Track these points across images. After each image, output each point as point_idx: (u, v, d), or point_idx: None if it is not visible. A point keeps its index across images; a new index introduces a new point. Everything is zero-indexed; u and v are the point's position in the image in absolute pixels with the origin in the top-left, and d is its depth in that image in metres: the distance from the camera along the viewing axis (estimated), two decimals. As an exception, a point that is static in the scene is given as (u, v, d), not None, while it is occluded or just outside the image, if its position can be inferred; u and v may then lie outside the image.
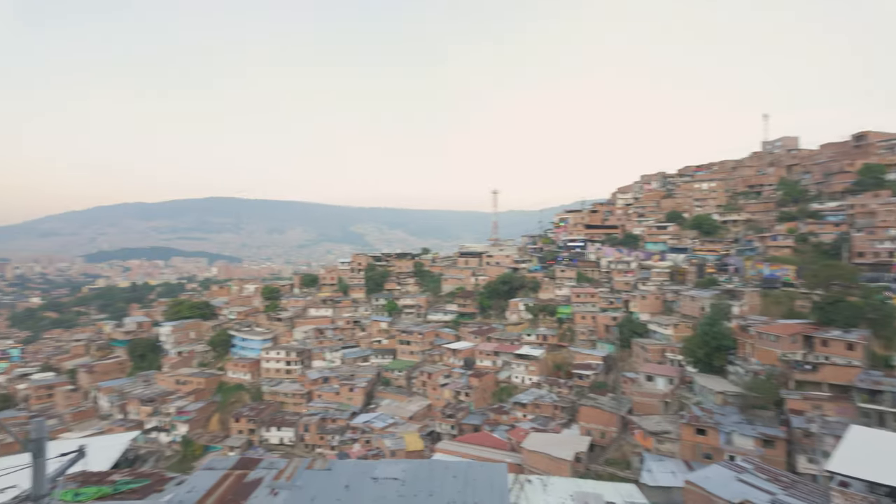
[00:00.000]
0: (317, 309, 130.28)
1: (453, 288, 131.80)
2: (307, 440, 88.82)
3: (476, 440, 71.63)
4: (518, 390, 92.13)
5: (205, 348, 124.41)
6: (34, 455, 9.34)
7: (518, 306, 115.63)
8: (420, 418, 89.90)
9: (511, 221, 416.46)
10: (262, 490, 20.45)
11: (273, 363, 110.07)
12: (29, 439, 9.39)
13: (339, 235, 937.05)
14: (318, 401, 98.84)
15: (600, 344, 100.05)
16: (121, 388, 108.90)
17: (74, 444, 47.09)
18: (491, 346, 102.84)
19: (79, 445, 11.37)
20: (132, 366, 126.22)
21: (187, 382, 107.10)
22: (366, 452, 75.33)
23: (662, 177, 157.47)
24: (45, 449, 9.50)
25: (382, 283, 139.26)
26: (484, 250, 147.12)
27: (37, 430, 9.51)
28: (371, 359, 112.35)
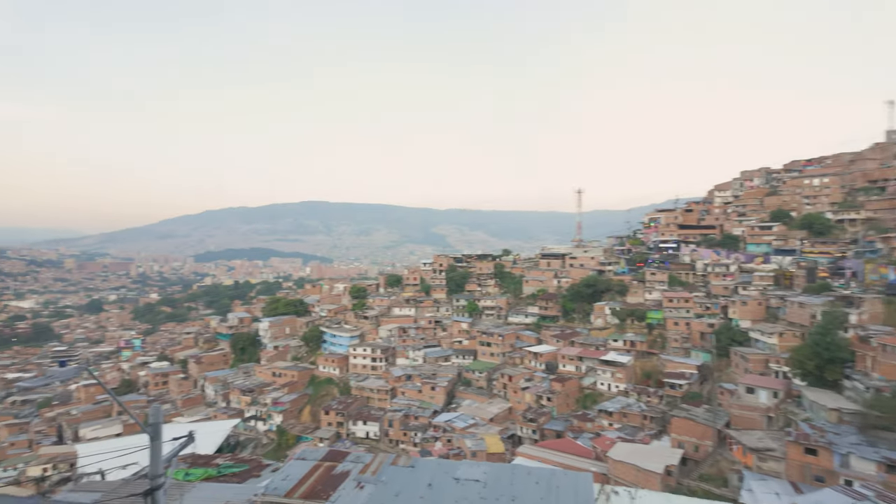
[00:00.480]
0: (400, 308, 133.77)
1: (535, 290, 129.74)
2: (391, 435, 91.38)
3: (559, 446, 69.94)
4: (603, 398, 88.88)
5: (298, 343, 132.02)
6: (151, 438, 10.30)
7: (604, 310, 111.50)
8: (500, 421, 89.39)
9: (596, 222, 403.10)
10: (349, 483, 21.26)
11: (360, 359, 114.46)
12: (147, 423, 10.37)
13: (422, 237, 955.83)
14: (402, 398, 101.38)
15: (694, 352, 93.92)
16: (224, 379, 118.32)
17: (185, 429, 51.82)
18: (575, 350, 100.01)
19: (189, 431, 12.40)
20: (234, 358, 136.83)
21: (282, 375, 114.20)
22: (447, 451, 76.11)
23: (766, 172, 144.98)
24: (161, 433, 10.44)
25: (463, 284, 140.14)
26: (567, 252, 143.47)
27: (154, 415, 10.49)
28: (452, 359, 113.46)
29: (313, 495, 20.37)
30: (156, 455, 10.45)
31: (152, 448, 10.43)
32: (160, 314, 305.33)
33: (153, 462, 10.40)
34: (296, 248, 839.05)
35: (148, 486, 10.28)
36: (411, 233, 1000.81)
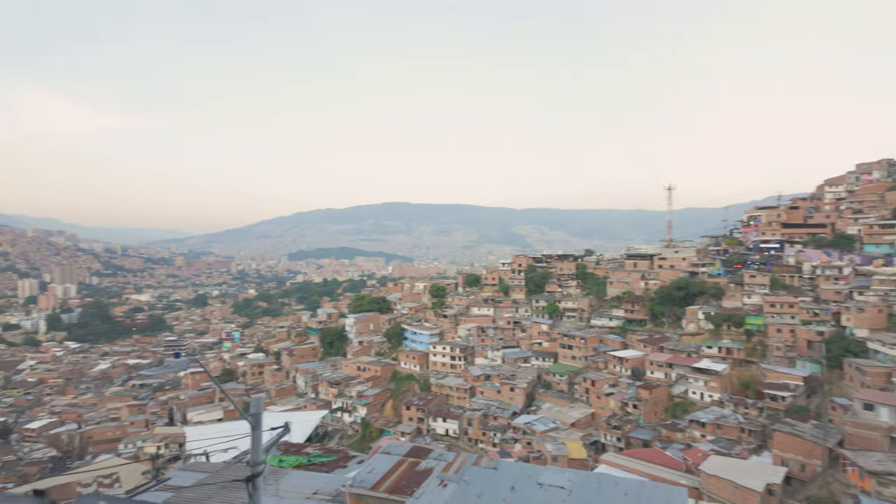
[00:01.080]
0: (479, 308, 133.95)
1: (620, 292, 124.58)
2: (470, 434, 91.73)
3: (646, 456, 66.65)
4: (695, 407, 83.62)
5: (381, 339, 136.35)
6: (252, 427, 10.95)
7: (697, 315, 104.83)
8: (583, 426, 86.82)
9: (688, 220, 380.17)
10: (432, 480, 21.48)
11: (439, 357, 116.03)
12: (249, 413, 11.04)
13: (500, 237, 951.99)
14: (481, 397, 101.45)
15: (801, 362, 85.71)
16: (314, 371, 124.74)
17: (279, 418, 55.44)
18: (664, 356, 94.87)
19: (285, 422, 13.05)
20: (323, 351, 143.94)
21: (367, 369, 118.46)
22: (527, 454, 75.07)
23: (888, 164, 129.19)
24: (262, 422, 11.07)
25: (543, 285, 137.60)
26: (656, 252, 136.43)
27: (255, 405, 11.16)
28: (531, 360, 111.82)
29: (398, 490, 20.81)
30: (257, 443, 11.10)
31: (253, 437, 11.09)
32: (257, 309, 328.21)
33: (254, 450, 11.06)
34: (379, 247, 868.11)
35: (249, 473, 10.95)
36: (490, 233, 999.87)
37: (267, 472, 12.43)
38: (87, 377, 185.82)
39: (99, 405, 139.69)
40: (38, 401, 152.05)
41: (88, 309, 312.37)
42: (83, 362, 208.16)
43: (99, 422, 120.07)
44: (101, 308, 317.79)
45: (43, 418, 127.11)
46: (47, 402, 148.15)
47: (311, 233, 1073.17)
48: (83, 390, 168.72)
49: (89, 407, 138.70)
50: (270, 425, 13.91)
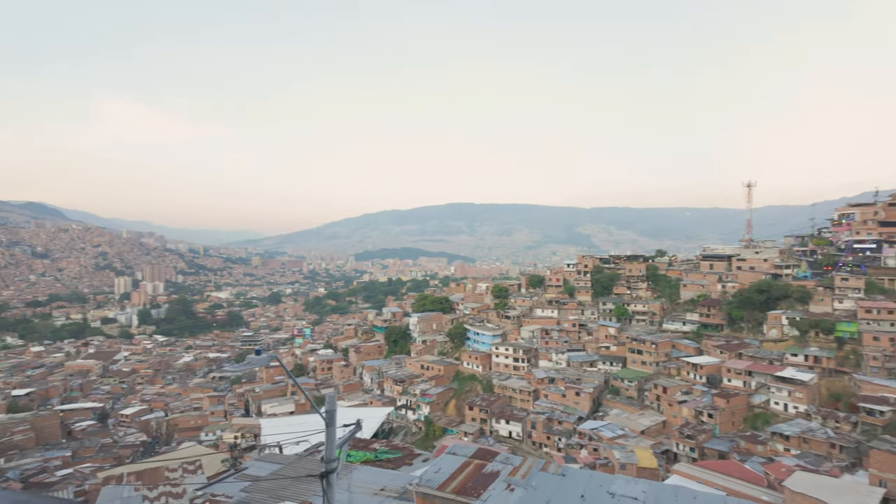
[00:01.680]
0: (542, 309, 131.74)
1: (694, 295, 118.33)
2: (534, 438, 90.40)
3: (722, 468, 62.85)
4: (778, 419, 78.04)
5: (444, 339, 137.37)
6: (327, 424, 11.27)
7: (780, 320, 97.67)
8: (653, 434, 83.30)
9: (770, 219, 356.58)
10: (498, 483, 21.30)
11: (502, 358, 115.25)
12: (324, 409, 11.37)
13: (564, 237, 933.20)
14: (545, 400, 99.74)
15: (904, 374, 77.73)
16: (379, 368, 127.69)
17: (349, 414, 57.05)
18: (743, 363, 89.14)
19: (357, 419, 13.36)
20: (388, 349, 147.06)
21: (430, 368, 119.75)
22: (593, 460, 72.99)
23: None
24: (336, 419, 11.38)
25: (610, 287, 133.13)
26: (734, 253, 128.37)
27: (329, 402, 11.49)
28: (598, 364, 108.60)
29: (464, 492, 20.80)
30: (331, 440, 11.43)
31: (328, 433, 11.43)
32: (326, 306, 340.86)
33: (328, 447, 11.40)
34: (441, 247, 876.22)
35: (323, 469, 11.28)
36: (554, 232, 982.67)
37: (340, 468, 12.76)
38: (173, 369, 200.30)
39: (183, 395, 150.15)
40: (130, 389, 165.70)
41: (174, 305, 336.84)
42: (169, 355, 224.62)
43: (183, 410, 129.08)
44: (186, 304, 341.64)
45: (135, 405, 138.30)
46: (139, 391, 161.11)
47: (377, 233, 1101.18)
48: (169, 381, 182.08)
49: (175, 396, 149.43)
50: (341, 422, 14.34)
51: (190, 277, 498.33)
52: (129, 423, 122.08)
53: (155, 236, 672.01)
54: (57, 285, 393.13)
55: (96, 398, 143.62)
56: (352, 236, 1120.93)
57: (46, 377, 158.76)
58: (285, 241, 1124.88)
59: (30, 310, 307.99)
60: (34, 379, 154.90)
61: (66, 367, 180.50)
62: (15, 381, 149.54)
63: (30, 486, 63.00)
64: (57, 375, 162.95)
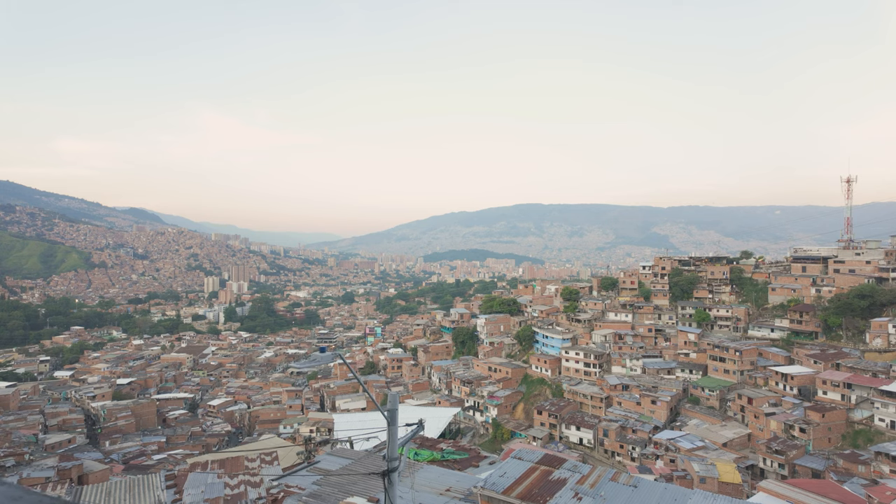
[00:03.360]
0: (615, 313, 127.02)
1: (784, 300, 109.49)
2: (606, 446, 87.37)
3: (816, 488, 57.48)
4: (884, 438, 70.57)
5: (511, 341, 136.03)
6: (389, 423, 11.37)
7: (885, 328, 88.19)
8: (736, 447, 77.90)
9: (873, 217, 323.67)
10: (566, 491, 20.69)
11: (572, 363, 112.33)
12: (386, 409, 11.47)
13: (639, 237, 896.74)
14: (618, 408, 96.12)
15: None
16: (447, 368, 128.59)
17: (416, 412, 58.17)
18: (841, 375, 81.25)
19: (419, 419, 13.40)
20: (455, 350, 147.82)
21: (497, 370, 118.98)
22: (670, 472, 69.28)
23: None
24: (397, 418, 11.45)
25: (690, 290, 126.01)
26: (830, 254, 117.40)
27: (392, 401, 11.58)
28: (676, 372, 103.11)
29: (530, 497, 20.36)
30: (393, 439, 11.52)
31: (389, 432, 11.53)
32: (396, 306, 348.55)
33: (390, 445, 11.50)
34: (509, 249, 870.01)
35: (385, 468, 11.40)
36: (627, 233, 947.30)
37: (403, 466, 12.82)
38: (255, 363, 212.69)
39: (264, 389, 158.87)
40: (217, 382, 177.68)
41: (257, 303, 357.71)
42: (252, 350, 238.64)
43: (264, 403, 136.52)
44: (267, 303, 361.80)
45: (221, 397, 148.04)
46: (224, 384, 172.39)
47: (445, 235, 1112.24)
48: (252, 375, 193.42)
49: (256, 390, 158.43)
50: (406, 420, 14.46)
51: (271, 277, 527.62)
52: (215, 414, 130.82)
53: (240, 239, 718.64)
54: (155, 284, 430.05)
55: (187, 389, 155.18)
56: (420, 238, 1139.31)
57: (145, 368, 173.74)
58: (358, 242, 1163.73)
59: (132, 306, 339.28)
60: (135, 370, 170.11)
61: (161, 359, 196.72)
62: (119, 371, 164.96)
63: (130, 468, 69.03)
64: (154, 367, 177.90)
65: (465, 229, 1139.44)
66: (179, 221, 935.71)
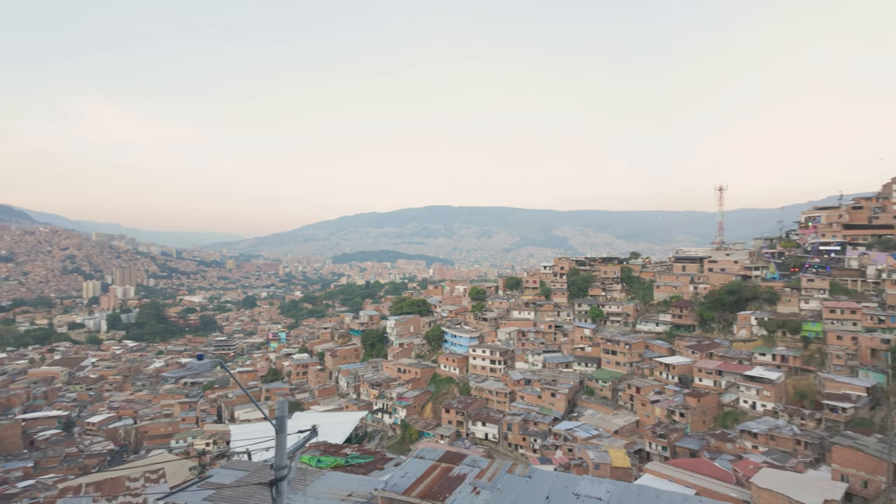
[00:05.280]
0: (519, 311, 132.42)
1: (667, 296, 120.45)
2: (510, 439, 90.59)
3: (693, 466, 63.93)
4: (747, 417, 79.75)
5: (421, 342, 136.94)
6: (277, 431, 10.95)
7: (749, 320, 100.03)
8: (626, 434, 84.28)
9: (741, 221, 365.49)
10: (465, 486, 21.17)
11: (479, 360, 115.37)
12: (274, 416, 11.04)
13: (542, 239, 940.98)
14: (521, 402, 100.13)
15: (864, 372, 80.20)
16: (355, 372, 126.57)
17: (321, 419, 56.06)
18: (713, 363, 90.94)
19: (312, 424, 13.03)
20: (364, 353, 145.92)
21: (407, 371, 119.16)
22: (568, 461, 73.51)
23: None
24: (286, 426, 11.06)
25: (586, 289, 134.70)
26: (706, 255, 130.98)
27: (279, 408, 11.16)
28: (573, 365, 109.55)
29: (430, 495, 20.60)
30: (281, 447, 11.10)
31: (277, 441, 11.09)
32: (302, 310, 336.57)
33: (278, 454, 11.06)
34: (420, 250, 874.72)
35: (273, 477, 10.96)
36: (532, 235, 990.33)
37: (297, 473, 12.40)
38: (143, 375, 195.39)
39: (153, 402, 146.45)
40: (98, 396, 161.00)
41: (145, 309, 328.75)
42: (140, 360, 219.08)
43: (153, 418, 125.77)
44: (157, 308, 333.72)
45: (102, 413, 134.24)
46: (107, 398, 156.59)
47: (355, 236, 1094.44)
48: (139, 387, 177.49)
49: (144, 403, 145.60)
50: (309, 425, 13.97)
51: (162, 281, 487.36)
52: (95, 432, 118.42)
53: (126, 239, 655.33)
54: (21, 289, 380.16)
55: (61, 406, 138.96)
56: (329, 239, 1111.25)
57: (8, 385, 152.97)
58: (261, 243, 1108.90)
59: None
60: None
61: (29, 374, 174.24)
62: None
63: (-13, 498, 60.55)
64: (20, 383, 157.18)
65: (376, 230, 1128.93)
66: (54, 220, 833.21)
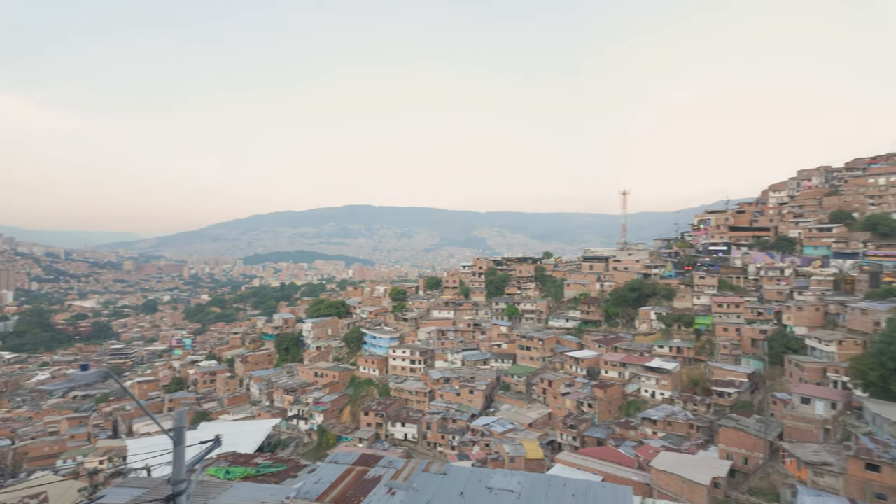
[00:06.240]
0: (439, 311, 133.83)
1: (577, 294, 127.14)
2: (429, 438, 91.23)
3: (600, 454, 67.95)
4: (647, 405, 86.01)
5: (340, 344, 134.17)
6: (174, 442, 10.27)
7: (649, 315, 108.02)
8: (540, 426, 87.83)
9: (643, 224, 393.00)
10: (380, 488, 21.02)
11: (399, 361, 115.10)
12: (171, 428, 10.35)
13: (462, 239, 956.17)
14: (440, 400, 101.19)
15: (745, 359, 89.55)
16: (269, 378, 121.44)
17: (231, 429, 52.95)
18: (618, 356, 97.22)
19: (216, 434, 12.37)
20: (278, 358, 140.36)
21: (324, 375, 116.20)
22: (485, 456, 75.30)
23: (825, 172, 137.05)
24: (184, 437, 10.39)
25: (503, 288, 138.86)
26: (611, 255, 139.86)
27: (177, 419, 10.46)
28: (491, 362, 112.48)
29: (344, 500, 20.24)
30: (179, 460, 10.42)
31: (175, 453, 10.41)
32: (210, 314, 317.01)
33: (176, 467, 10.38)
34: (339, 250, 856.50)
35: (170, 492, 10.26)
36: (452, 235, 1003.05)
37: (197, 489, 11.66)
38: (24, 389, 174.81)
39: (36, 419, 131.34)
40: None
41: (26, 316, 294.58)
42: (19, 373, 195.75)
43: (35, 437, 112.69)
44: (41, 315, 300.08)
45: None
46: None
47: (269, 236, 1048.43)
48: (18, 403, 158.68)
49: (24, 421, 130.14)
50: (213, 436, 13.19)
51: (47, 285, 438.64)
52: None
53: (3, 238, 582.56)
54: None
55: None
56: (240, 239, 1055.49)
57: None
58: (164, 243, 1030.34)
59: None
60: None
61: None
62: None
63: None
64: None
65: (292, 230, 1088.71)
66: None
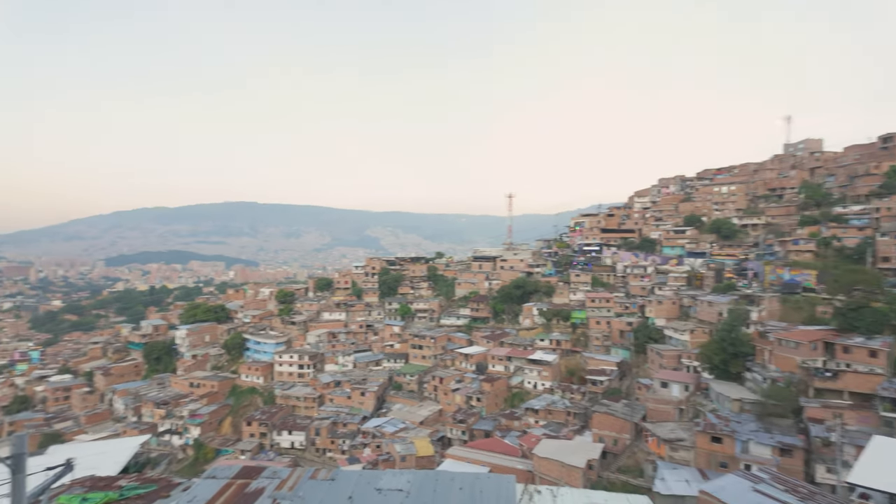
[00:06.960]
0: (330, 313, 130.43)
1: (467, 292, 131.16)
2: (318, 444, 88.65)
3: (487, 446, 70.83)
4: (530, 396, 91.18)
5: (219, 351, 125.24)
6: (13, 471, 9.00)
7: (531, 311, 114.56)
8: (431, 423, 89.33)
9: (526, 225, 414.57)
10: (263, 501, 20.08)
11: (286, 367, 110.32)
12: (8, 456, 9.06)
13: (354, 239, 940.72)
14: (330, 405, 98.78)
15: (615, 350, 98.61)
16: (136, 391, 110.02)
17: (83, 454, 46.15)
18: (504, 351, 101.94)
19: (67, 458, 11.03)
20: (148, 369, 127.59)
21: (201, 385, 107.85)
22: (376, 457, 74.96)
23: (681, 180, 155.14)
24: (25, 465, 9.16)
25: (396, 287, 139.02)
26: (498, 254, 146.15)
27: (16, 445, 9.17)
28: (383, 363, 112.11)
29: (223, 517, 19.03)
30: (18, 491, 9.10)
31: (14, 482, 9.08)
32: (63, 323, 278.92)
33: (14, 499, 9.07)
34: (219, 250, 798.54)
35: (6, 528, 8.95)
36: (344, 235, 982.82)
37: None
38: None
39: None
40: None
41: None
42: None
43: None
44: None
45: None
46: None
47: (136, 234, 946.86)
48: None
49: None
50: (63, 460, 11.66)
51: None
52: None
53: None
54: None
55: None
56: (102, 237, 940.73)
57: None
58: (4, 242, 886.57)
59: None
60: None
61: None
62: None
63: None
64: None
65: (163, 227, 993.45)
66: None
